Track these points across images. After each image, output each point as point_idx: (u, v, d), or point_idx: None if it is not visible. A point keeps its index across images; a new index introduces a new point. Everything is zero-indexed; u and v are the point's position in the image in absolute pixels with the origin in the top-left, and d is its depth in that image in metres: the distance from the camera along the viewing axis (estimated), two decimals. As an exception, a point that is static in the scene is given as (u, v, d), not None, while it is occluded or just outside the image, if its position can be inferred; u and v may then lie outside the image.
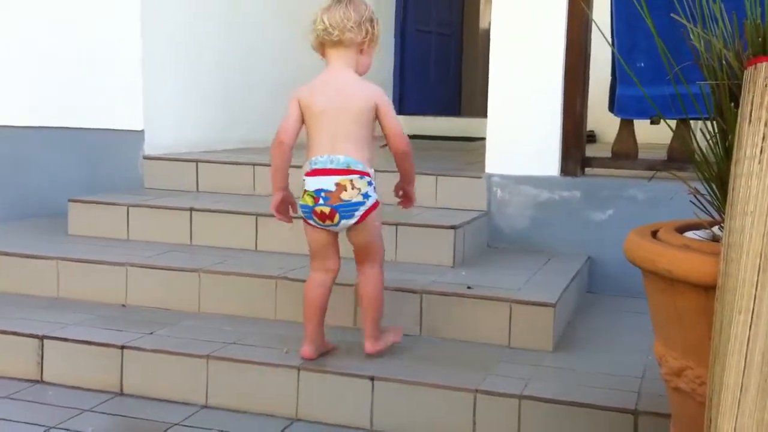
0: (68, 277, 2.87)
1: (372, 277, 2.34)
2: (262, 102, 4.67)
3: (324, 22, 2.24)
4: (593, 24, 3.11)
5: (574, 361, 2.35)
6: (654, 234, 1.71)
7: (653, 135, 3.46)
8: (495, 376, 2.20)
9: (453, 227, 2.87)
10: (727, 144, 1.52)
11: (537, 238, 3.21)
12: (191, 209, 3.15)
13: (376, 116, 2.28)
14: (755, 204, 1.32)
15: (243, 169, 3.58)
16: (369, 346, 2.32)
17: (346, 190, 2.21)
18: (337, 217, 2.23)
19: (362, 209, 2.23)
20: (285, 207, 2.35)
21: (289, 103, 2.30)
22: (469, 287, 2.57)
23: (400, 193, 2.42)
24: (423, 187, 3.22)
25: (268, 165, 3.48)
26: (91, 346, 2.42)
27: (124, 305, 2.81)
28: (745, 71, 1.38)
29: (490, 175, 3.25)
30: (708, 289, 1.46)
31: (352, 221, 2.24)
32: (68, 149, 3.79)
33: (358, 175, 2.23)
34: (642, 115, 3.11)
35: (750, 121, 1.35)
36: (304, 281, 2.58)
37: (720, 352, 1.36)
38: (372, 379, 2.18)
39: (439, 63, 6.99)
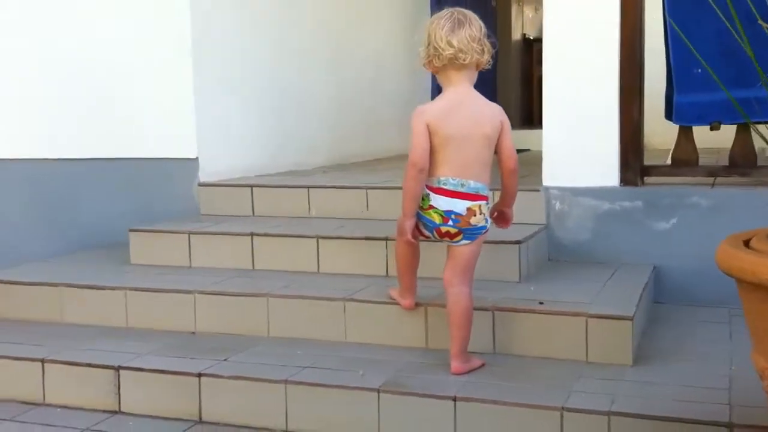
0: (136, 307, 2.89)
1: (463, 295, 2.36)
2: (310, 125, 4.71)
3: (453, 46, 2.21)
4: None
5: (656, 374, 2.31)
6: (746, 243, 1.68)
7: (708, 140, 3.42)
8: (579, 393, 2.16)
9: (518, 242, 2.85)
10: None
11: (599, 249, 3.17)
12: (252, 234, 3.16)
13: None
14: None
15: (297, 193, 3.59)
16: (457, 366, 2.31)
17: (475, 215, 2.30)
18: (460, 237, 2.32)
19: (482, 232, 2.34)
20: (416, 232, 2.37)
21: (416, 125, 2.27)
22: (541, 302, 2.54)
23: (495, 214, 2.46)
24: (481, 202, 3.22)
25: (322, 187, 3.57)
26: (167, 375, 2.43)
27: (193, 332, 2.82)
28: None
29: (548, 188, 3.22)
30: (816, 299, 1.43)
31: (471, 242, 2.33)
32: (123, 180, 3.84)
33: (485, 201, 2.32)
34: (701, 121, 3.07)
35: None
36: (371, 302, 2.62)
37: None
38: (454, 399, 2.16)
39: (475, 76, 6.97)
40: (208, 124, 3.80)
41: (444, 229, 2.29)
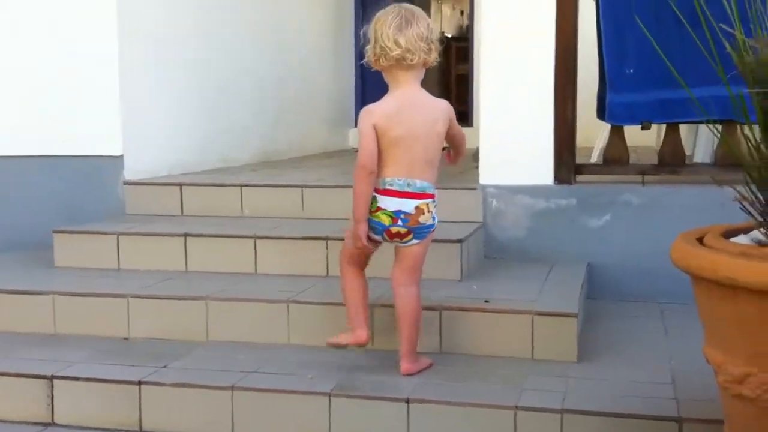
0: (65, 312, 2.76)
1: (413, 296, 2.35)
2: (238, 122, 4.61)
3: (401, 46, 2.18)
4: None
5: (600, 370, 2.35)
6: (699, 241, 1.72)
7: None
8: (530, 391, 2.18)
9: (459, 241, 2.85)
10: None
11: (534, 247, 3.22)
12: (186, 234, 3.06)
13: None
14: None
15: (230, 191, 3.51)
16: (407, 366, 2.30)
17: (423, 214, 2.28)
18: (409, 237, 2.29)
19: (431, 231, 2.33)
20: (367, 234, 2.30)
21: (363, 126, 2.22)
22: (486, 301, 2.55)
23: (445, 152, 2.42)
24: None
25: (255, 185, 3.49)
26: (105, 384, 2.32)
27: (126, 338, 2.70)
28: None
29: (485, 186, 3.25)
30: (775, 295, 1.47)
31: (420, 240, 2.31)
32: (45, 178, 3.65)
33: (431, 199, 2.30)
34: (633, 120, 3.15)
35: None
36: (315, 304, 2.57)
37: (803, 358, 1.37)
38: (407, 401, 2.14)
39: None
40: (134, 120, 3.66)
41: (394, 229, 2.27)
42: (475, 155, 3.31)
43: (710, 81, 2.24)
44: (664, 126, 3.43)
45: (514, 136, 3.19)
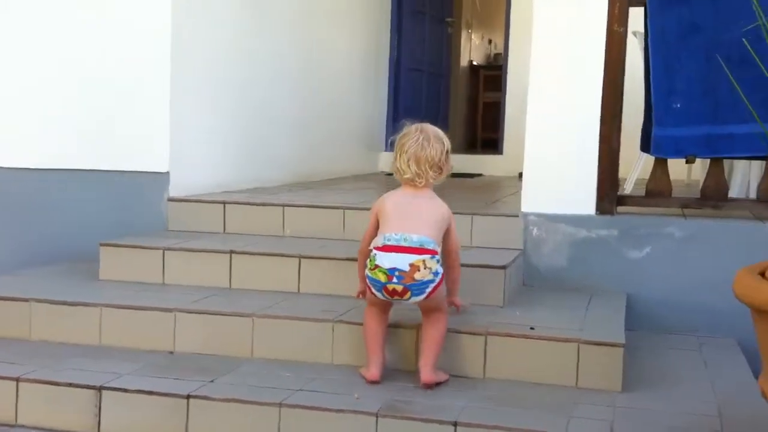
0: (111, 325, 2.79)
1: (437, 320, 2.44)
2: (278, 141, 4.67)
3: (412, 171, 2.40)
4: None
5: (645, 400, 2.35)
6: (762, 275, 1.74)
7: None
8: (578, 419, 2.18)
9: (503, 267, 2.87)
10: None
11: (573, 276, 3.23)
12: (231, 252, 3.10)
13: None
14: None
15: (271, 211, 3.55)
16: (427, 375, 2.36)
17: (419, 270, 2.33)
18: (408, 294, 2.35)
19: (432, 286, 2.35)
20: (370, 294, 2.44)
21: (371, 214, 2.50)
22: (532, 328, 2.56)
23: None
24: (459, 225, 3.22)
25: (297, 206, 3.54)
26: (153, 396, 2.34)
27: (171, 352, 2.73)
28: None
29: (526, 214, 3.27)
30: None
31: (422, 297, 2.36)
32: (91, 192, 3.71)
33: (430, 255, 2.34)
34: (678, 154, 3.16)
35: None
36: (360, 324, 2.58)
37: None
38: (455, 424, 2.15)
39: (429, 101, 7.06)
40: (180, 138, 3.72)
41: (390, 287, 2.33)
42: (521, 175, 3.35)
43: (760, 118, 2.27)
44: (697, 160, 3.45)
45: (558, 166, 3.22)
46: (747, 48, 2.32)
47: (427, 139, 2.41)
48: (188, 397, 2.32)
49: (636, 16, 3.27)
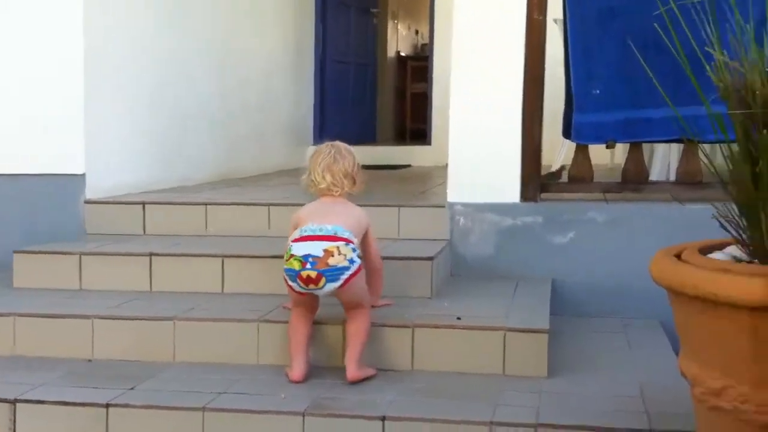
0: (26, 334, 2.68)
1: (359, 315, 2.44)
2: (200, 139, 4.57)
3: (327, 181, 2.49)
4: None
5: (571, 385, 2.37)
6: (677, 257, 1.75)
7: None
8: (504, 407, 2.19)
9: (430, 258, 2.86)
10: (758, 169, 1.57)
11: (500, 264, 3.23)
12: (151, 254, 3.01)
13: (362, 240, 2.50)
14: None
15: (194, 210, 3.47)
16: (352, 371, 2.34)
17: (333, 256, 2.34)
18: (323, 281, 2.33)
19: (347, 273, 2.35)
20: (290, 290, 2.45)
21: (290, 227, 2.50)
22: (458, 318, 2.56)
23: None
24: (385, 217, 3.23)
25: (220, 204, 3.46)
26: (71, 407, 2.26)
27: (90, 360, 2.64)
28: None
29: (453, 204, 3.26)
30: (754, 310, 1.51)
31: (337, 284, 2.35)
32: (2, 197, 3.56)
33: (344, 242, 2.37)
34: (598, 140, 3.20)
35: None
36: (285, 323, 2.53)
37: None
38: (383, 419, 2.12)
39: (356, 93, 7.02)
40: (96, 139, 3.60)
41: (305, 273, 2.33)
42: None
43: (674, 102, 2.30)
44: (619, 144, 3.50)
45: (482, 154, 3.21)
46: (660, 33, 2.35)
47: (338, 152, 2.52)
48: (107, 405, 2.24)
49: (558, 4, 3.29)
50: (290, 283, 2.38)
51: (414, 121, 9.55)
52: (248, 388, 2.36)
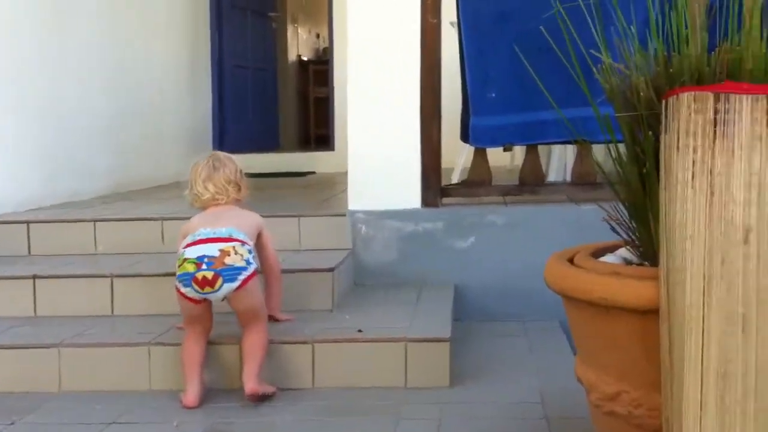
0: None
1: (257, 331, 2.35)
2: (91, 150, 4.36)
3: (210, 191, 2.40)
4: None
5: (473, 394, 2.34)
6: (570, 261, 1.74)
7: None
8: (407, 420, 2.14)
9: (331, 269, 2.79)
10: (645, 170, 1.56)
11: (404, 271, 3.19)
12: (35, 276, 2.83)
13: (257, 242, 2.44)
14: (693, 228, 1.37)
15: (82, 227, 3.28)
16: (251, 386, 2.24)
17: (229, 255, 2.27)
18: (219, 282, 2.24)
19: (245, 274, 2.28)
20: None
21: (179, 239, 2.41)
22: (359, 330, 2.49)
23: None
24: (286, 228, 3.14)
25: (110, 220, 3.29)
26: (-59, 450, 2.08)
27: (-34, 394, 2.45)
28: (665, 101, 1.43)
29: (354, 212, 3.20)
30: (645, 313, 1.49)
31: (235, 285, 2.26)
32: None
33: (240, 243, 2.31)
34: (495, 143, 3.20)
35: (678, 148, 1.39)
36: (178, 345, 2.41)
37: (674, 372, 1.39)
38: (282, 442, 2.04)
39: (257, 98, 6.88)
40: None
41: (200, 275, 2.25)
42: None
43: (566, 104, 2.30)
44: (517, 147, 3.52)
45: (382, 160, 3.17)
46: (551, 35, 2.35)
47: (217, 159, 2.46)
48: (-17, 446, 2.08)
49: (453, 6, 3.27)
50: (183, 289, 2.28)
51: (318, 127, 9.45)
52: (139, 416, 2.24)
